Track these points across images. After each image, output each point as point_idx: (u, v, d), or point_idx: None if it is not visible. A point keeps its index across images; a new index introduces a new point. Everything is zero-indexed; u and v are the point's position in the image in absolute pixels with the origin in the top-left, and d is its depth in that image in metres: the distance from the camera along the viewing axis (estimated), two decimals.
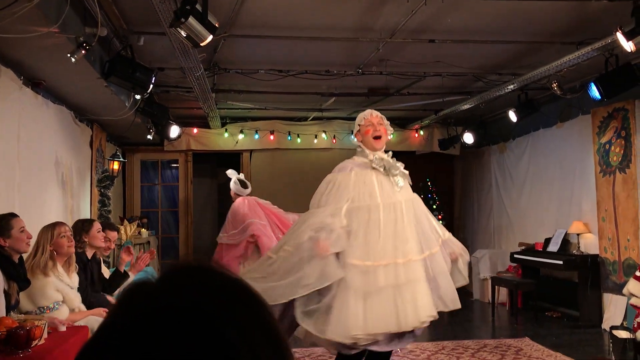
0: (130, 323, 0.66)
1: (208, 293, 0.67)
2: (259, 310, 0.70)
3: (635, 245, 6.81)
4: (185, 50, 5.17)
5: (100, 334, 0.68)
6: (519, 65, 6.93)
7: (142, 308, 0.67)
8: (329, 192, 4.01)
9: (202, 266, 0.71)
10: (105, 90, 5.94)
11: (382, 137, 4.05)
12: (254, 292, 0.71)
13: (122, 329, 0.66)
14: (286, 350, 0.70)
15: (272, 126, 10.34)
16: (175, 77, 6.92)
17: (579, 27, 5.61)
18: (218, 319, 0.65)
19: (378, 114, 4.16)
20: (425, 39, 5.90)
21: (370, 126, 4.08)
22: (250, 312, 0.68)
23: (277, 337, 0.69)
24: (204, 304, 0.66)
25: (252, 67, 6.84)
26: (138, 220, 9.44)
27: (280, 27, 5.59)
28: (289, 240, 3.96)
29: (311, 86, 7.62)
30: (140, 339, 0.64)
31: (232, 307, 0.67)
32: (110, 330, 0.67)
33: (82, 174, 7.44)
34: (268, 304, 0.71)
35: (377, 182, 3.94)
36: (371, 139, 4.05)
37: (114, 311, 0.69)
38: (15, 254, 3.83)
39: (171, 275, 0.70)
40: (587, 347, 6.45)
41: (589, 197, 7.71)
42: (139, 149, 10.38)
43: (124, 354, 0.63)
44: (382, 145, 4.06)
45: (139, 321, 0.65)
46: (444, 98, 8.25)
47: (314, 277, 3.68)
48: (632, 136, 6.88)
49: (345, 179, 4.00)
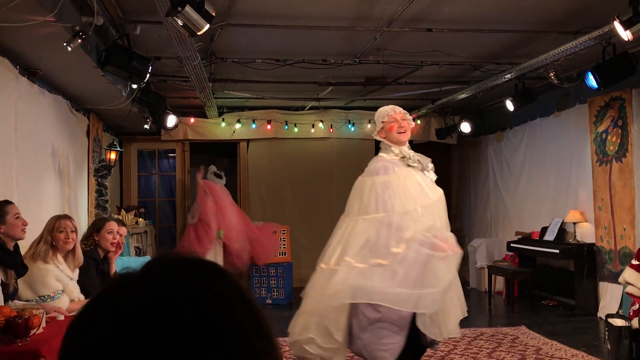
0: (111, 312, 0.67)
1: (190, 279, 0.69)
2: (241, 292, 0.71)
3: (631, 234, 6.84)
4: (182, 39, 5.15)
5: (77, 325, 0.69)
6: (516, 55, 6.92)
7: (123, 298, 0.68)
8: (390, 195, 3.97)
9: (182, 256, 0.73)
10: (101, 80, 5.92)
11: (407, 131, 4.09)
12: (232, 275, 0.73)
13: (102, 319, 0.67)
14: (270, 332, 0.72)
15: (269, 116, 10.33)
16: (172, 67, 6.90)
17: (576, 16, 5.60)
18: (202, 301, 0.67)
19: (401, 110, 4.15)
20: (423, 28, 5.89)
21: (395, 122, 4.09)
22: (233, 295, 0.70)
23: (261, 319, 0.71)
24: (186, 290, 0.68)
25: (249, 56, 6.82)
26: (135, 210, 9.44)
27: (277, 16, 5.57)
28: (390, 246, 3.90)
29: (308, 75, 7.61)
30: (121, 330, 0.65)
31: (215, 289, 0.69)
32: (90, 323, 0.68)
33: (79, 164, 7.43)
34: (246, 288, 0.73)
35: (422, 180, 4.03)
36: (396, 134, 4.07)
37: (92, 304, 0.70)
38: (11, 241, 3.83)
39: (151, 266, 0.72)
40: (583, 335, 6.50)
41: (586, 186, 7.73)
42: (136, 138, 10.36)
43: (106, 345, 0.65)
44: (407, 139, 4.10)
45: (121, 311, 0.66)
46: (441, 87, 8.25)
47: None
48: (628, 125, 6.89)
49: (396, 180, 4.00)
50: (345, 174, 10.76)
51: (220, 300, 0.68)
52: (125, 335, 0.64)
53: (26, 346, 3.12)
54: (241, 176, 10.73)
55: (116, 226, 5.09)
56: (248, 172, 10.71)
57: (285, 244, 9.30)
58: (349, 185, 12.48)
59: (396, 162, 4.05)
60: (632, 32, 4.76)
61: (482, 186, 10.75)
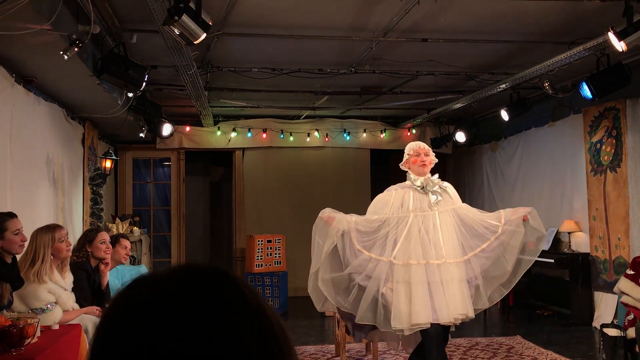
0: (137, 309, 0.70)
1: (201, 286, 0.73)
2: (257, 302, 0.75)
3: (625, 244, 6.86)
4: (179, 48, 5.16)
5: (110, 319, 0.72)
6: (511, 65, 6.96)
7: (146, 295, 0.72)
8: (374, 207, 4.73)
9: (195, 265, 0.77)
10: (97, 88, 5.91)
11: (427, 165, 4.60)
12: (246, 286, 0.76)
13: (129, 314, 0.70)
14: (285, 339, 0.75)
15: (264, 124, 10.34)
16: (168, 75, 6.91)
17: (571, 26, 5.64)
18: (220, 309, 0.71)
19: (425, 146, 4.69)
20: (418, 38, 5.91)
21: (417, 156, 4.62)
22: (241, 300, 0.73)
23: (276, 324, 0.75)
24: (203, 295, 0.71)
25: (245, 65, 6.83)
26: (130, 219, 9.42)
27: (274, 25, 5.58)
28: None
29: (304, 84, 7.62)
30: (147, 325, 0.68)
31: (232, 299, 0.73)
32: (120, 317, 0.71)
33: (74, 172, 7.41)
34: (255, 291, 0.77)
35: (413, 197, 4.53)
36: (417, 167, 4.60)
37: (115, 303, 0.72)
38: (8, 255, 3.78)
39: (167, 272, 0.75)
40: (578, 345, 6.50)
41: (580, 196, 7.75)
42: (131, 147, 10.34)
43: (135, 337, 0.68)
44: (426, 172, 4.59)
45: (147, 307, 0.70)
46: (437, 97, 8.27)
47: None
48: (622, 135, 6.92)
49: (385, 197, 4.69)
50: (340, 183, 10.80)
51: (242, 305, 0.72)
52: (149, 338, 0.67)
53: (21, 355, 3.10)
54: (236, 185, 10.72)
55: (108, 236, 5.08)
56: (243, 180, 10.70)
57: (281, 253, 9.28)
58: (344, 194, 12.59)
59: (404, 186, 4.66)
60: (626, 42, 4.80)
61: (477, 195, 10.76)
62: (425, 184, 4.55)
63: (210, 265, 0.76)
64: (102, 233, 5.03)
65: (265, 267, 9.13)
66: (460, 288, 4.27)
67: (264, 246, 9.17)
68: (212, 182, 12.29)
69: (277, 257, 9.24)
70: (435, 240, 4.36)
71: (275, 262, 9.20)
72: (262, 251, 9.15)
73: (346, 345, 6.20)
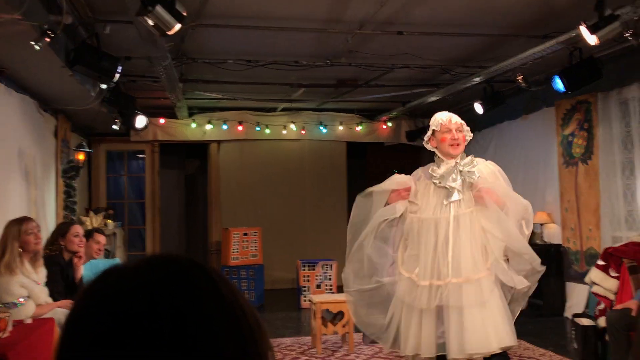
0: (106, 300, 0.69)
1: (174, 277, 0.72)
2: (223, 293, 0.73)
3: (596, 235, 6.97)
4: (153, 39, 5.10)
5: (78, 311, 0.71)
6: (485, 58, 7.01)
7: (116, 286, 0.70)
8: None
9: (168, 255, 0.76)
10: (70, 80, 5.83)
11: (460, 145, 3.72)
12: (220, 277, 0.75)
13: (98, 306, 0.69)
14: (260, 330, 0.74)
15: (240, 117, 10.29)
16: (142, 67, 6.83)
17: (544, 20, 5.70)
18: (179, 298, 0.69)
19: (458, 119, 3.77)
20: (394, 31, 5.93)
21: (448, 133, 3.70)
22: (214, 291, 0.72)
23: (244, 317, 0.73)
24: (169, 285, 0.70)
25: (221, 57, 6.79)
26: (104, 212, 9.32)
27: (249, 16, 5.55)
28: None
29: (280, 77, 7.60)
30: (117, 314, 0.67)
31: (196, 289, 0.71)
32: (89, 309, 0.70)
33: (47, 165, 7.31)
34: (230, 283, 0.76)
35: (433, 194, 3.67)
36: (447, 147, 3.69)
37: (86, 293, 0.71)
38: None
39: (140, 262, 0.74)
40: (550, 335, 6.60)
41: (553, 188, 7.86)
42: (105, 139, 10.22)
43: (104, 329, 0.67)
44: (459, 152, 3.72)
45: (115, 297, 0.69)
46: (412, 90, 8.32)
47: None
48: (594, 128, 7.03)
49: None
50: (317, 176, 10.81)
51: (215, 293, 0.71)
52: (119, 328, 0.66)
53: None
54: (212, 178, 10.67)
55: (81, 229, 5.03)
56: (219, 173, 10.65)
57: (257, 246, 9.27)
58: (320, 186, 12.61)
59: (427, 172, 3.80)
60: (598, 36, 4.86)
61: None
62: (446, 175, 3.63)
63: (184, 256, 0.75)
64: (75, 226, 4.99)
65: (242, 260, 9.11)
66: (474, 315, 3.43)
67: (240, 239, 9.15)
68: (188, 175, 12.20)
69: (253, 250, 9.22)
70: (444, 254, 3.53)
71: (251, 255, 9.18)
72: (238, 244, 9.12)
73: (322, 337, 6.22)
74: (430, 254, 3.56)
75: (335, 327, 6.17)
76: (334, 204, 10.78)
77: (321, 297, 6.61)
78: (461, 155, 3.76)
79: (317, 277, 8.81)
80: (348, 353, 6.08)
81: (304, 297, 8.69)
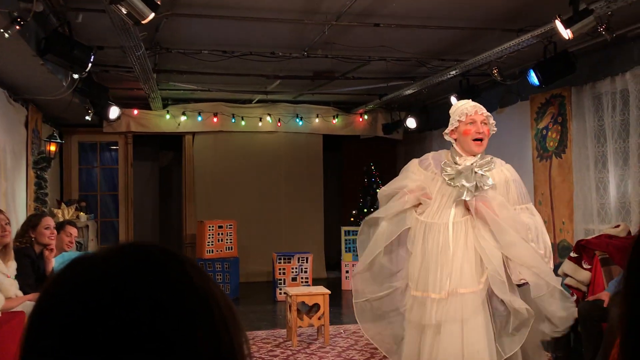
0: (72, 291, 0.67)
1: (145, 265, 0.69)
2: (192, 279, 0.71)
3: (569, 228, 7.06)
4: (126, 28, 5.02)
5: (43, 303, 0.68)
6: (461, 51, 7.04)
7: (83, 277, 0.68)
8: (394, 181, 3.59)
9: (139, 243, 0.74)
10: (41, 69, 5.71)
11: (484, 140, 3.40)
12: (194, 266, 0.73)
13: (64, 297, 0.67)
14: (235, 322, 0.72)
15: (215, 108, 10.21)
16: (115, 56, 6.72)
17: (519, 14, 5.73)
18: (152, 287, 0.67)
19: (484, 111, 3.47)
20: (371, 23, 5.91)
21: (472, 125, 3.38)
22: (186, 281, 0.70)
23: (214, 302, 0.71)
24: (140, 275, 0.68)
25: (196, 47, 6.71)
26: (76, 204, 9.19)
27: (225, 6, 5.49)
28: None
29: (256, 68, 7.54)
30: (83, 306, 0.64)
31: (166, 276, 0.69)
32: (54, 300, 0.67)
33: (17, 156, 7.17)
34: (203, 272, 0.73)
35: (439, 192, 3.38)
36: (470, 142, 3.37)
37: (55, 281, 0.69)
38: None
39: (110, 250, 0.72)
40: None
41: (527, 180, 7.90)
42: (77, 130, 10.07)
43: (68, 322, 0.64)
44: (482, 150, 3.41)
45: (81, 288, 0.66)
46: (388, 83, 8.31)
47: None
48: (568, 122, 7.10)
49: (414, 170, 3.54)
50: (293, 168, 10.78)
51: (183, 284, 0.69)
52: (87, 318, 0.63)
53: None
54: (186, 170, 10.58)
55: (52, 222, 4.95)
56: (193, 165, 10.56)
57: (232, 239, 9.22)
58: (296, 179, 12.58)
59: (438, 163, 3.49)
60: (572, 30, 4.90)
61: None
62: (460, 175, 3.27)
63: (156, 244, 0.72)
64: (46, 218, 4.91)
65: (217, 252, 9.06)
66: (475, 327, 3.18)
67: (215, 232, 9.09)
68: (162, 167, 12.08)
69: (228, 242, 9.17)
70: (445, 262, 3.25)
71: (226, 248, 9.14)
72: (213, 237, 9.07)
73: (298, 330, 6.22)
74: (432, 262, 3.28)
75: (310, 320, 6.17)
76: (310, 197, 10.77)
77: (297, 289, 6.61)
78: (481, 154, 3.44)
79: (292, 270, 8.79)
80: (323, 345, 6.08)
81: (279, 289, 8.67)
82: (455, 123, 3.45)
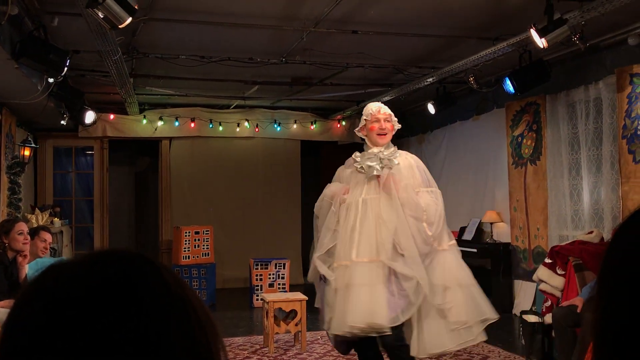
0: (47, 300, 0.66)
1: (122, 271, 0.69)
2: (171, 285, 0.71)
3: (544, 234, 7.15)
4: (103, 32, 4.98)
5: (16, 312, 0.67)
6: (438, 59, 7.10)
7: (57, 285, 0.67)
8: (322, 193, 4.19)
9: (115, 250, 0.73)
10: (15, 72, 5.63)
11: (387, 134, 4.05)
12: (170, 273, 0.72)
13: (39, 306, 0.66)
14: (212, 329, 0.72)
15: (192, 113, 10.16)
16: (92, 61, 6.66)
17: (495, 23, 5.80)
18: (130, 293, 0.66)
19: (386, 110, 4.09)
20: (349, 29, 5.94)
21: (376, 122, 4.03)
22: (163, 287, 0.69)
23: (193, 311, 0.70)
24: (117, 281, 0.67)
25: (173, 52, 6.68)
26: (50, 209, 9.06)
27: (203, 11, 5.47)
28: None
29: (234, 73, 7.52)
30: (59, 315, 0.64)
31: (144, 283, 0.68)
32: (27, 309, 0.67)
33: None
34: (180, 279, 0.73)
35: (355, 180, 4.00)
36: (375, 136, 4.03)
37: (31, 288, 0.68)
38: None
39: (86, 256, 0.71)
40: (498, 332, 6.70)
41: (502, 187, 8.02)
42: (52, 134, 9.94)
43: (43, 332, 0.63)
44: (386, 142, 4.05)
45: (56, 297, 0.65)
46: (366, 89, 8.35)
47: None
48: (542, 130, 7.20)
49: (340, 174, 4.20)
50: (270, 174, 10.76)
51: (159, 291, 0.68)
52: (64, 325, 0.63)
53: None
54: (163, 175, 10.49)
55: (26, 227, 4.87)
56: (170, 171, 10.49)
57: (209, 245, 9.17)
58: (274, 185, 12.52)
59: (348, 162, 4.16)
60: (546, 40, 4.98)
61: None
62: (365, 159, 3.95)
63: (132, 251, 0.72)
64: (19, 224, 4.82)
65: (193, 258, 8.99)
66: (375, 293, 3.70)
67: (192, 237, 9.03)
68: (138, 173, 11.98)
69: (205, 248, 9.11)
70: (352, 234, 3.84)
71: (203, 254, 9.08)
72: (190, 243, 9.00)
73: (275, 336, 6.19)
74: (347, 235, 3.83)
75: (287, 326, 6.15)
76: (288, 203, 10.76)
77: (274, 295, 6.58)
78: (387, 145, 4.06)
79: (269, 276, 8.76)
80: (300, 352, 6.06)
81: (256, 296, 8.63)
82: (363, 122, 4.09)
